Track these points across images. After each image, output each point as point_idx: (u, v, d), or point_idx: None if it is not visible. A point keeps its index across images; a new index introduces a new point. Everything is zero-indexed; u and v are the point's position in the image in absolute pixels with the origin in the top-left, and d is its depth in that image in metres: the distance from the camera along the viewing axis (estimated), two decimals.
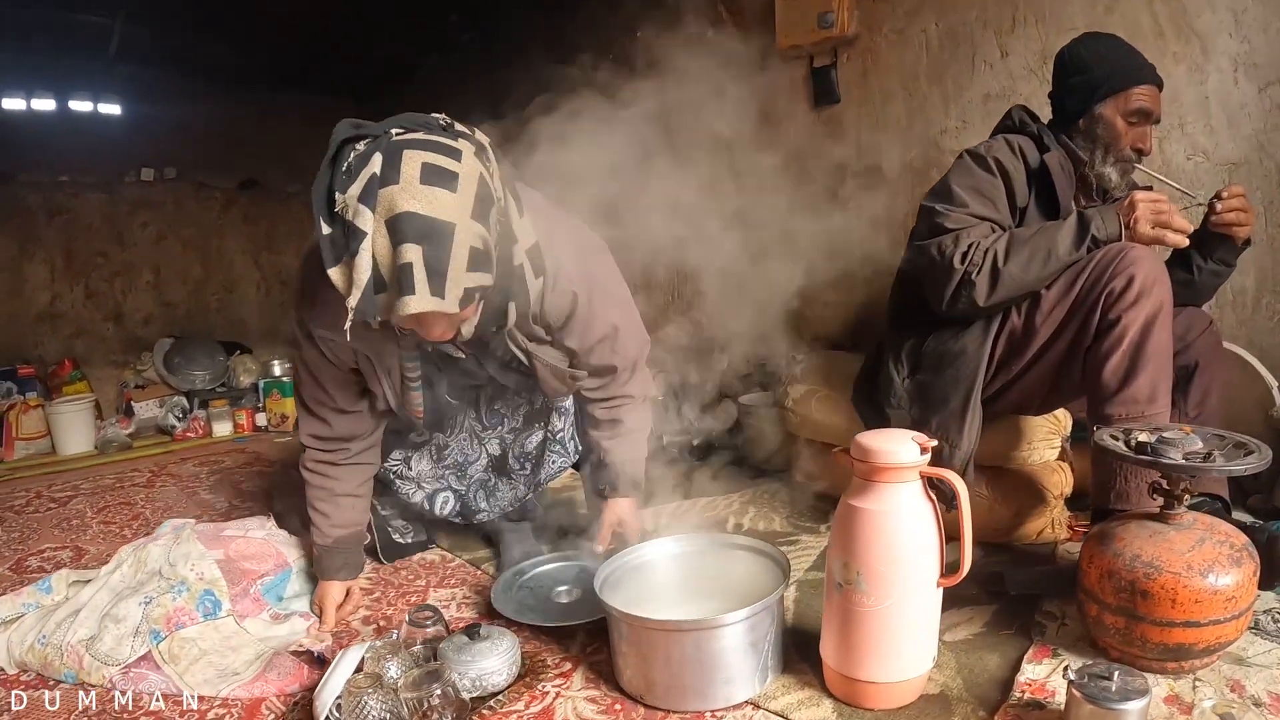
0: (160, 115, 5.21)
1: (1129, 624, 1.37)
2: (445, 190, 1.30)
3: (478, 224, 1.33)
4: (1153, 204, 1.71)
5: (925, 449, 1.31)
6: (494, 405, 2.06)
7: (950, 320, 1.89)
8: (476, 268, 1.34)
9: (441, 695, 1.33)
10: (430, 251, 1.27)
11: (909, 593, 1.31)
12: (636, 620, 1.41)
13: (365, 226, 1.27)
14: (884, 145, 2.95)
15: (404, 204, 1.27)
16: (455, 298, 1.31)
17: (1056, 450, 2.06)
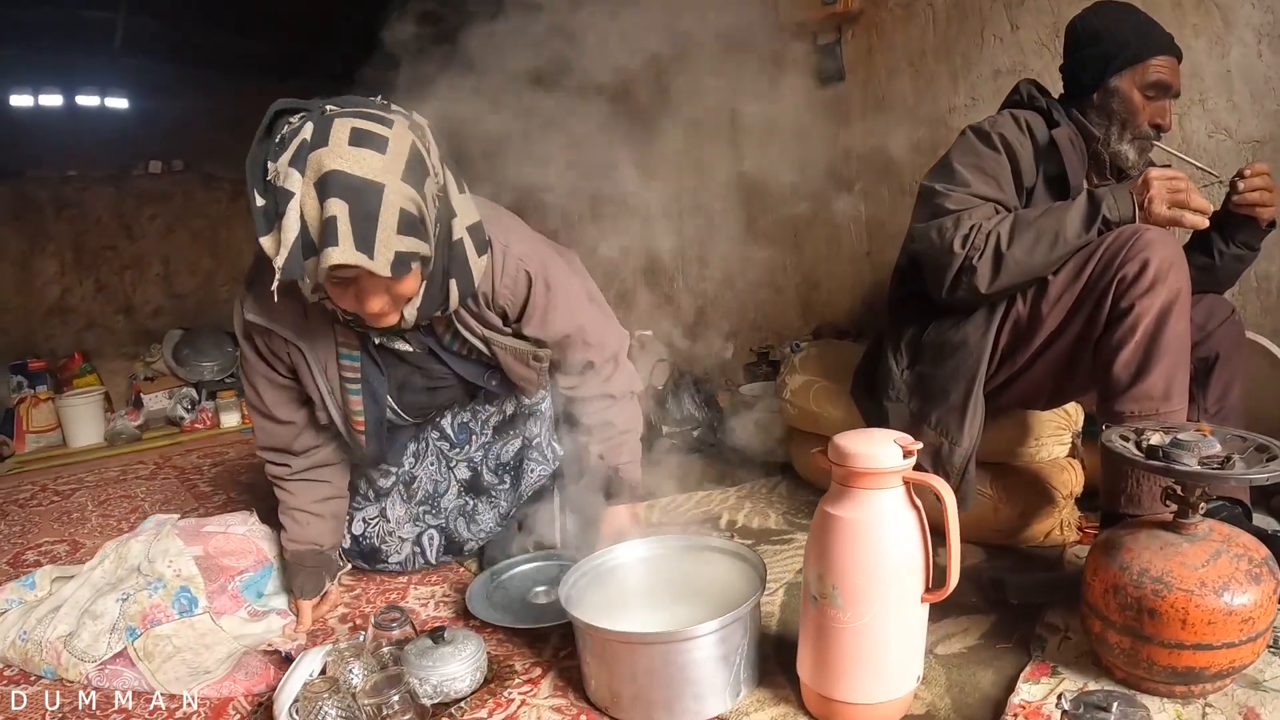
0: (167, 108, 5.23)
1: (1135, 644, 1.25)
2: (374, 152, 1.30)
3: (409, 187, 1.33)
4: (1169, 182, 1.58)
5: (909, 452, 1.20)
6: (459, 419, 1.96)
7: (951, 309, 1.78)
8: (409, 232, 1.33)
9: (400, 701, 1.29)
10: (356, 208, 1.27)
11: (889, 609, 1.20)
12: (599, 631, 1.33)
13: (294, 188, 1.27)
14: (890, 124, 2.85)
15: (331, 164, 1.26)
16: (386, 260, 1.30)
17: (1066, 446, 1.94)
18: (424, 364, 1.77)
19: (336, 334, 1.65)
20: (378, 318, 1.46)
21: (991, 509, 1.89)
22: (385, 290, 1.40)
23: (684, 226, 3.78)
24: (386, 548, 1.93)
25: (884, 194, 2.86)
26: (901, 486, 1.22)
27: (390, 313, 1.46)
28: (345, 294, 1.41)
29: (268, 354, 1.67)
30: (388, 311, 1.45)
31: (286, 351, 1.65)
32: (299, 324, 1.61)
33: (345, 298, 1.41)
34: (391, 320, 1.49)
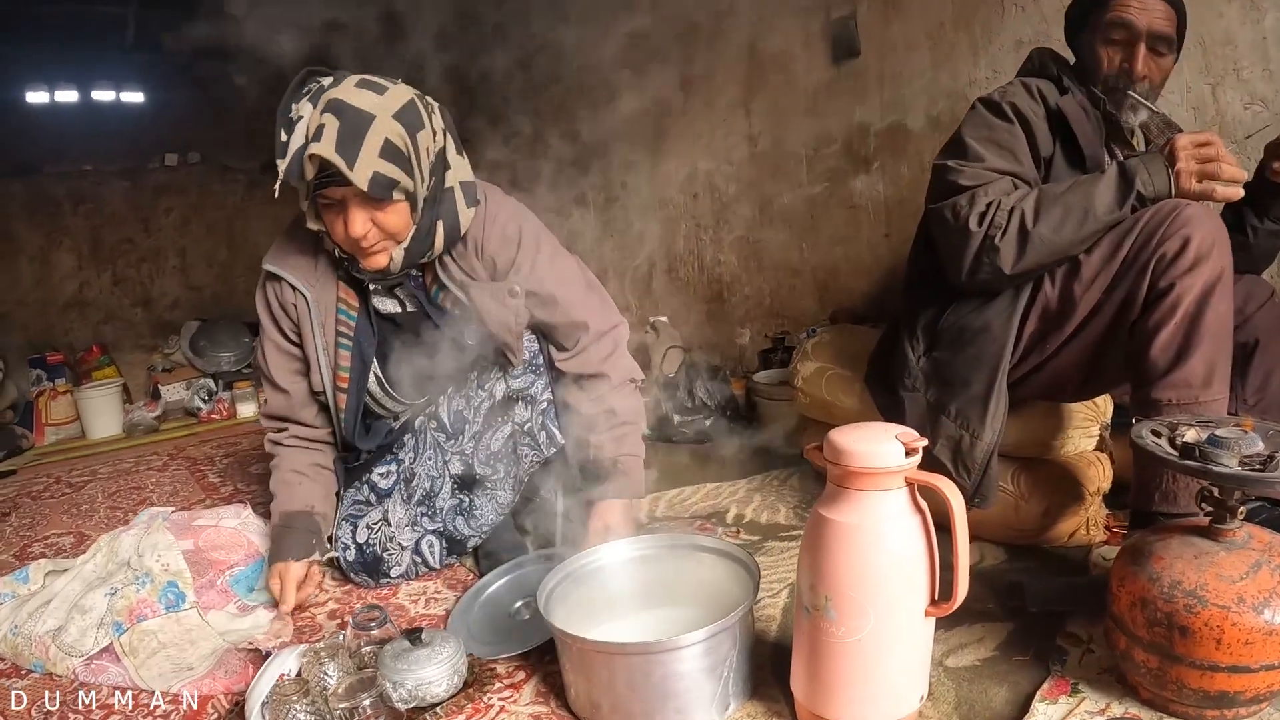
0: (182, 101, 5.21)
1: (1163, 664, 1.12)
2: (373, 93, 1.53)
3: (398, 124, 1.52)
4: (1197, 150, 1.45)
5: (913, 450, 1.07)
6: (455, 407, 1.91)
7: (973, 292, 1.66)
8: (392, 159, 1.51)
9: (373, 706, 1.24)
10: (345, 125, 1.47)
11: (888, 624, 1.09)
12: (575, 640, 1.24)
13: (305, 113, 1.55)
14: (908, 99, 2.72)
15: (336, 95, 1.50)
16: (365, 175, 1.47)
17: (1094, 440, 1.82)
18: (415, 326, 1.83)
19: (339, 290, 1.78)
20: (367, 251, 1.62)
21: (1013, 506, 1.78)
22: (370, 217, 1.57)
23: (698, 209, 3.69)
24: (389, 556, 1.86)
25: (903, 171, 2.74)
26: (904, 488, 1.10)
27: (378, 248, 1.63)
28: (336, 221, 1.59)
29: (278, 310, 1.81)
30: (375, 243, 1.61)
31: (294, 302, 1.79)
32: (308, 275, 1.78)
33: (336, 225, 1.59)
34: (380, 260, 1.64)
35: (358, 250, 1.63)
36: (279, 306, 1.81)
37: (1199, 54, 2.08)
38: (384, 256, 1.64)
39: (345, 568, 1.88)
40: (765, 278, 3.40)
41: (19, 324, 4.83)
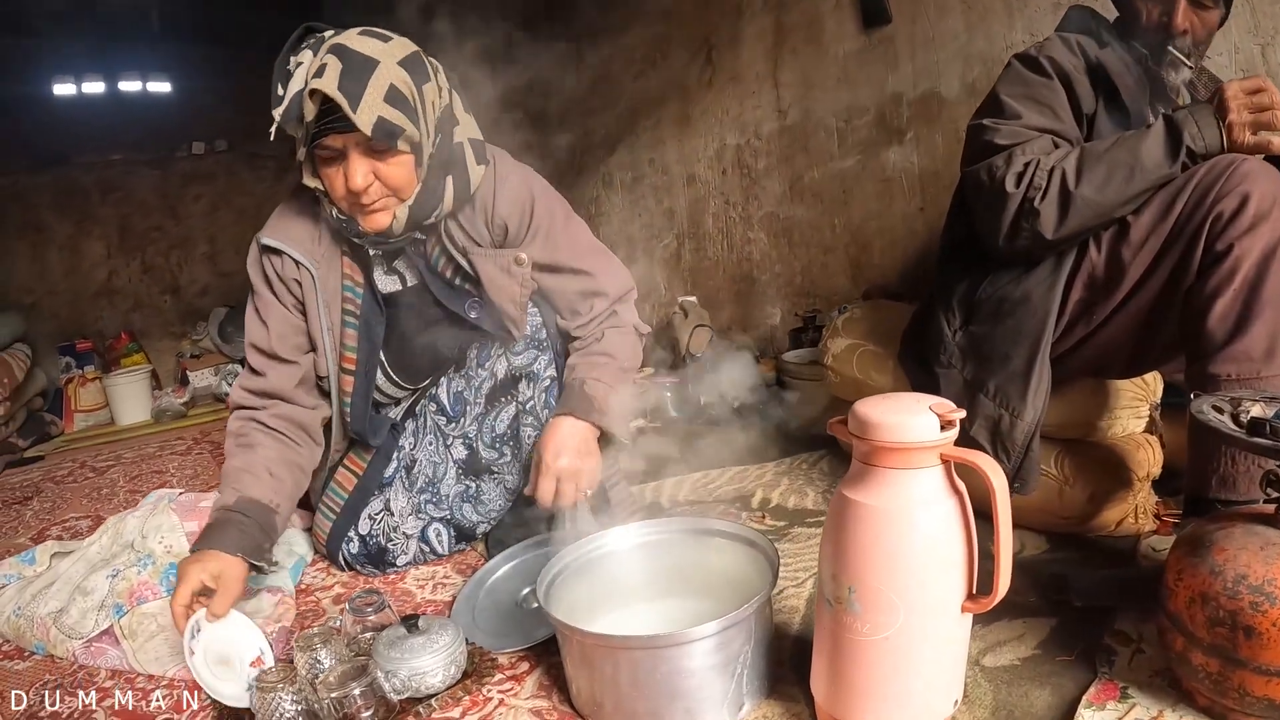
0: (209, 89, 5.20)
1: (1225, 668, 1.00)
2: (377, 41, 1.45)
3: (403, 71, 1.45)
4: (1249, 99, 1.33)
5: (949, 422, 0.95)
6: (454, 388, 1.83)
7: (1011, 260, 1.56)
8: (396, 105, 1.42)
9: (363, 695, 1.17)
10: (348, 67, 1.39)
11: (920, 621, 0.97)
12: (576, 632, 1.16)
13: (305, 60, 1.47)
14: (942, 66, 2.61)
15: (338, 41, 1.43)
16: (368, 119, 1.38)
17: (1144, 421, 1.70)
18: (416, 302, 1.74)
19: (344, 266, 1.68)
20: (368, 208, 1.51)
21: (1056, 492, 1.66)
22: (371, 168, 1.47)
23: (726, 186, 3.59)
24: (394, 546, 1.79)
25: (937, 141, 2.63)
26: (939, 466, 0.98)
27: (380, 205, 1.52)
28: (336, 175, 1.49)
29: (278, 283, 1.67)
30: (376, 199, 1.51)
31: (296, 277, 1.66)
32: (311, 249, 1.66)
33: (336, 179, 1.49)
34: (382, 219, 1.54)
35: (357, 208, 1.52)
36: (279, 280, 1.67)
37: (1247, 12, 1.96)
38: (386, 215, 1.54)
39: (349, 560, 1.81)
40: (796, 255, 3.30)
41: (49, 312, 4.86)
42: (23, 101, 4.72)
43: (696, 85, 3.65)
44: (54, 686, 1.50)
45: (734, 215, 3.58)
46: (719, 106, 3.55)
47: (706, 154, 3.68)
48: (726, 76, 3.47)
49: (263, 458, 1.61)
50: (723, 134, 3.57)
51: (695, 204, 3.80)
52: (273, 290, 1.68)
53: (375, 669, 1.22)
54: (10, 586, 1.77)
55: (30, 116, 4.75)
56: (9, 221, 4.80)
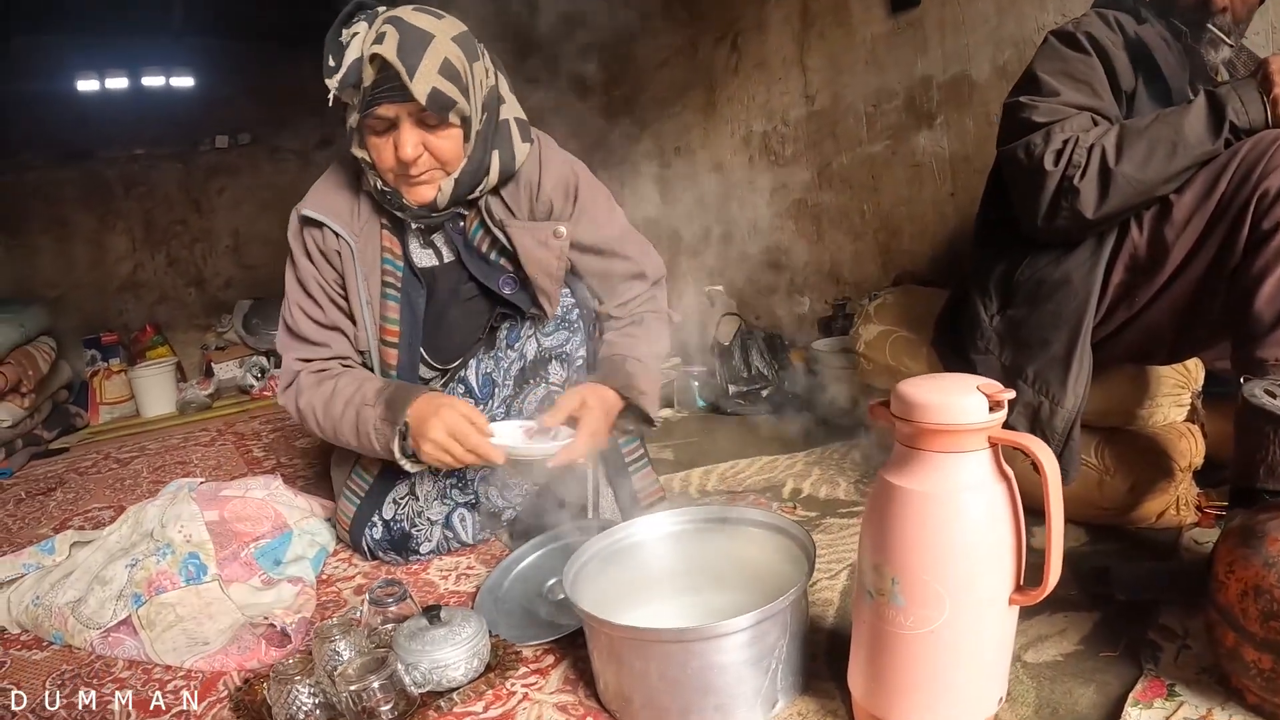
0: (231, 82, 5.22)
1: (1278, 665, 0.95)
2: (431, 16, 1.48)
3: (456, 47, 1.47)
4: None
5: (998, 403, 0.90)
6: (483, 369, 1.79)
7: (1050, 242, 1.50)
8: (450, 79, 1.44)
9: (382, 689, 1.15)
10: (405, 38, 1.42)
11: (967, 614, 0.93)
12: (603, 624, 1.12)
13: (360, 30, 1.48)
14: (972, 49, 2.53)
15: (397, 13, 1.46)
16: (424, 88, 1.41)
17: (1185, 409, 1.64)
18: (451, 278, 1.73)
19: (383, 239, 1.68)
20: (414, 182, 1.54)
21: (1096, 482, 1.61)
22: (421, 139, 1.50)
23: (753, 173, 3.55)
24: (417, 533, 1.77)
25: (968, 126, 2.56)
26: (987, 449, 0.93)
27: (426, 177, 1.55)
28: (385, 145, 1.51)
29: (318, 256, 1.69)
30: (424, 171, 1.53)
31: (337, 249, 1.67)
32: (349, 221, 1.67)
33: (385, 149, 1.51)
34: (428, 192, 1.56)
35: (403, 179, 1.55)
36: (319, 253, 1.69)
37: None
38: (431, 188, 1.57)
39: (372, 547, 1.78)
40: (824, 242, 3.25)
41: (74, 306, 4.89)
42: (47, 98, 4.75)
43: (722, 72, 3.60)
44: (72, 676, 1.49)
45: (761, 202, 3.53)
46: (745, 93, 3.50)
47: (733, 141, 3.63)
48: (753, 63, 3.42)
49: (361, 374, 1.68)
50: (749, 120, 3.52)
51: (722, 192, 3.76)
52: (313, 263, 1.70)
53: (395, 661, 1.19)
54: (29, 576, 1.77)
55: (54, 112, 4.78)
56: (34, 216, 4.83)
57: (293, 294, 1.73)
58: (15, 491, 2.96)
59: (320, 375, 1.68)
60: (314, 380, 1.68)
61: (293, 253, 1.72)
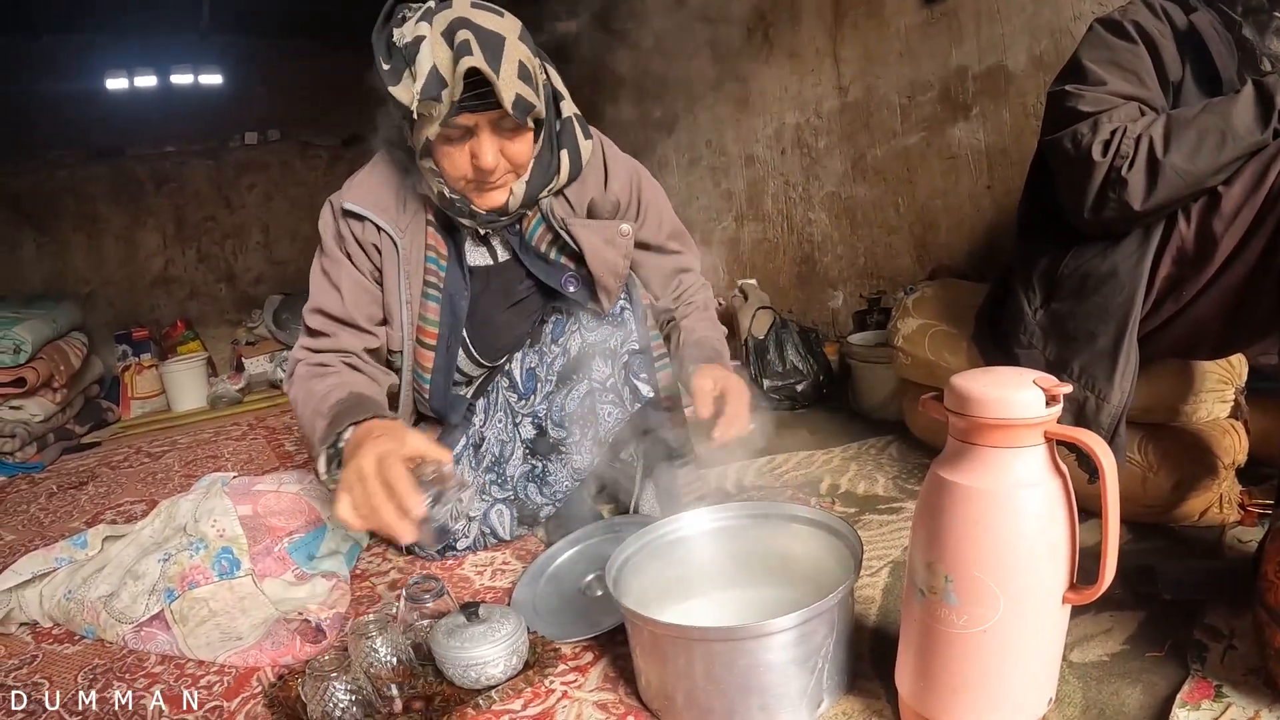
0: (260, 79, 5.29)
1: None
2: (493, 14, 1.40)
3: (525, 47, 1.41)
4: None
5: (1054, 397, 0.88)
6: (527, 364, 1.77)
7: (1096, 233, 1.47)
8: (526, 82, 1.38)
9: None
10: (484, 41, 1.33)
11: (1021, 612, 0.90)
12: (647, 622, 1.10)
13: (424, 33, 1.35)
14: (1008, 39, 2.49)
15: (458, 14, 1.36)
16: (509, 95, 1.34)
17: (1229, 405, 1.60)
18: (506, 275, 1.69)
19: (427, 236, 1.62)
20: (488, 188, 1.49)
21: (1140, 479, 1.57)
22: (499, 145, 1.43)
23: (786, 166, 3.52)
24: (455, 528, 1.76)
25: (1004, 117, 2.52)
26: (1043, 445, 0.90)
27: (500, 183, 1.49)
28: (459, 151, 1.43)
29: (354, 246, 1.60)
30: (500, 176, 1.47)
31: (376, 243, 1.61)
32: (395, 217, 1.61)
33: (458, 158, 1.44)
34: (500, 196, 1.51)
35: (475, 186, 1.49)
36: (358, 245, 1.60)
37: None
38: (503, 193, 1.51)
39: (408, 544, 1.77)
40: (859, 235, 3.21)
41: (105, 301, 4.97)
42: (76, 96, 4.82)
43: (754, 64, 3.57)
44: (104, 670, 1.49)
45: (794, 196, 3.50)
46: (777, 85, 3.47)
47: (765, 134, 3.61)
48: (785, 54, 3.39)
49: (350, 379, 1.53)
50: (782, 113, 3.49)
51: (754, 185, 3.73)
52: (347, 253, 1.61)
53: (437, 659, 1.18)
54: (61, 570, 1.76)
55: (84, 111, 4.85)
56: (66, 214, 4.90)
57: (315, 282, 1.64)
58: (47, 485, 2.98)
59: (314, 369, 1.55)
60: (306, 373, 1.55)
61: (323, 241, 1.64)
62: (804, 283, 3.53)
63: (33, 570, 1.75)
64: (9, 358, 3.38)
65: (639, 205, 1.70)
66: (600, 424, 1.69)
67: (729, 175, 3.87)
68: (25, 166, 4.77)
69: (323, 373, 1.54)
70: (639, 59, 4.07)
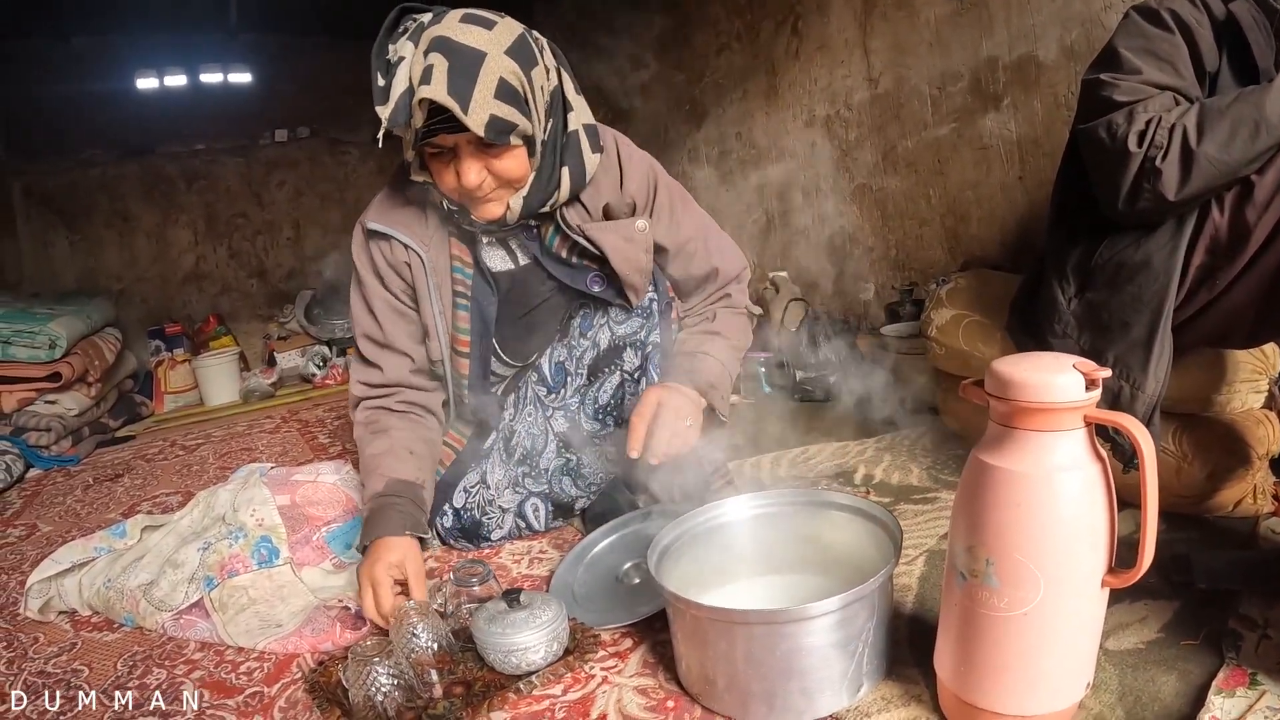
0: (289, 77, 5.33)
1: None
2: (480, 28, 1.38)
3: (512, 61, 1.38)
4: None
5: (1094, 381, 0.89)
6: (556, 358, 1.78)
7: (1130, 223, 1.46)
8: (508, 100, 1.36)
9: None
10: (455, 64, 1.32)
11: (1061, 596, 0.91)
12: (689, 605, 1.11)
13: (405, 54, 1.37)
14: (1039, 29, 2.47)
15: (440, 33, 1.35)
16: (480, 118, 1.33)
17: (1263, 396, 1.60)
18: (528, 278, 1.70)
19: (452, 247, 1.64)
20: (481, 201, 1.49)
21: (1174, 469, 1.57)
22: (483, 164, 1.43)
23: (816, 158, 3.51)
24: (489, 520, 1.78)
25: (1035, 108, 2.50)
26: (1082, 429, 0.91)
27: (493, 196, 1.49)
28: (445, 170, 1.46)
29: (386, 270, 1.64)
30: (489, 192, 1.47)
31: (406, 260, 1.63)
32: (420, 233, 1.62)
33: (446, 175, 1.46)
34: (495, 209, 1.51)
35: (470, 201, 1.50)
36: (388, 266, 1.64)
37: None
38: (499, 206, 1.50)
39: (443, 535, 1.79)
40: (890, 227, 3.20)
41: (138, 297, 5.03)
42: (107, 95, 4.88)
43: (783, 56, 3.56)
44: (144, 658, 1.51)
45: (825, 188, 3.49)
46: (807, 77, 3.46)
47: (795, 125, 3.60)
48: (814, 46, 3.38)
49: (400, 440, 1.63)
50: (811, 105, 3.48)
51: (784, 177, 3.73)
52: (381, 279, 1.65)
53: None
54: (100, 559, 1.79)
55: (115, 109, 4.91)
56: (98, 211, 4.96)
57: (356, 313, 1.71)
58: (83, 478, 3.03)
59: (368, 423, 1.68)
60: (364, 420, 1.69)
61: (357, 270, 1.68)
62: (835, 275, 3.53)
63: (72, 559, 1.78)
64: (45, 353, 3.43)
65: (653, 206, 1.68)
66: (629, 413, 1.69)
67: (759, 167, 3.87)
68: (57, 166, 4.84)
69: (374, 430, 1.66)
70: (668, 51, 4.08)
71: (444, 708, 1.19)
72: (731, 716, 1.12)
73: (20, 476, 3.07)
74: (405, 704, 1.17)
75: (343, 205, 5.54)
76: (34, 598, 1.73)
